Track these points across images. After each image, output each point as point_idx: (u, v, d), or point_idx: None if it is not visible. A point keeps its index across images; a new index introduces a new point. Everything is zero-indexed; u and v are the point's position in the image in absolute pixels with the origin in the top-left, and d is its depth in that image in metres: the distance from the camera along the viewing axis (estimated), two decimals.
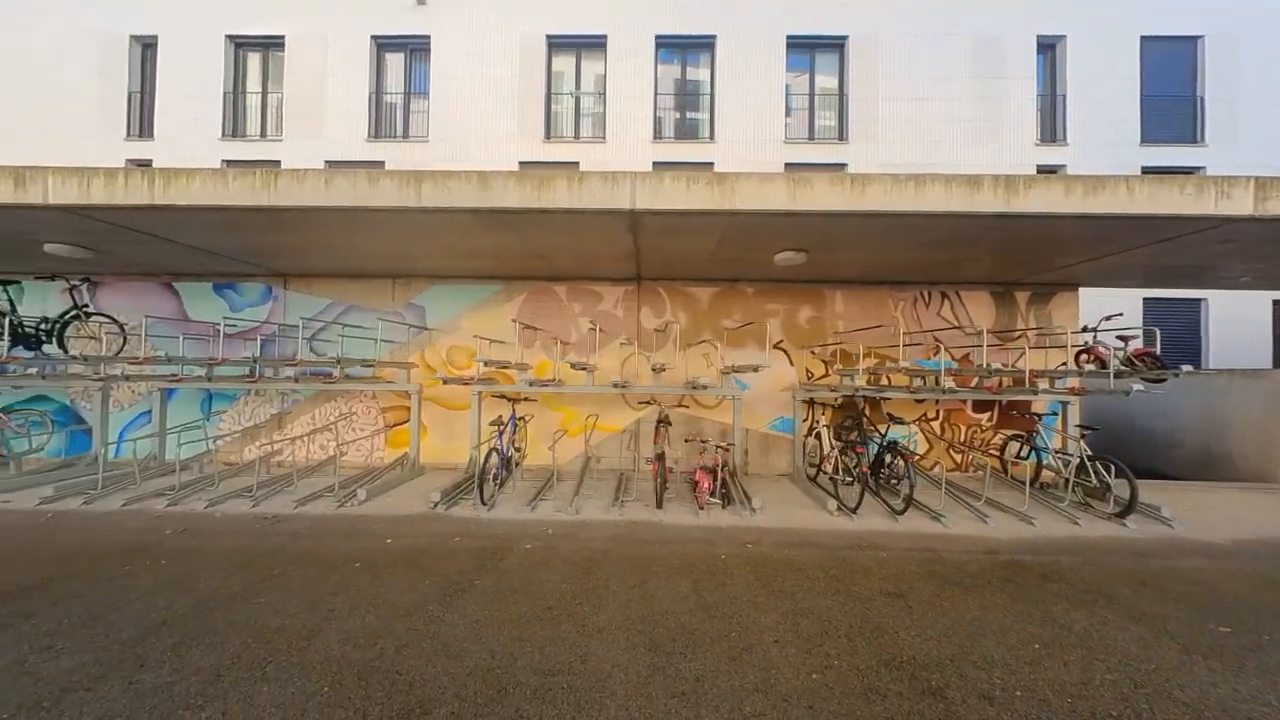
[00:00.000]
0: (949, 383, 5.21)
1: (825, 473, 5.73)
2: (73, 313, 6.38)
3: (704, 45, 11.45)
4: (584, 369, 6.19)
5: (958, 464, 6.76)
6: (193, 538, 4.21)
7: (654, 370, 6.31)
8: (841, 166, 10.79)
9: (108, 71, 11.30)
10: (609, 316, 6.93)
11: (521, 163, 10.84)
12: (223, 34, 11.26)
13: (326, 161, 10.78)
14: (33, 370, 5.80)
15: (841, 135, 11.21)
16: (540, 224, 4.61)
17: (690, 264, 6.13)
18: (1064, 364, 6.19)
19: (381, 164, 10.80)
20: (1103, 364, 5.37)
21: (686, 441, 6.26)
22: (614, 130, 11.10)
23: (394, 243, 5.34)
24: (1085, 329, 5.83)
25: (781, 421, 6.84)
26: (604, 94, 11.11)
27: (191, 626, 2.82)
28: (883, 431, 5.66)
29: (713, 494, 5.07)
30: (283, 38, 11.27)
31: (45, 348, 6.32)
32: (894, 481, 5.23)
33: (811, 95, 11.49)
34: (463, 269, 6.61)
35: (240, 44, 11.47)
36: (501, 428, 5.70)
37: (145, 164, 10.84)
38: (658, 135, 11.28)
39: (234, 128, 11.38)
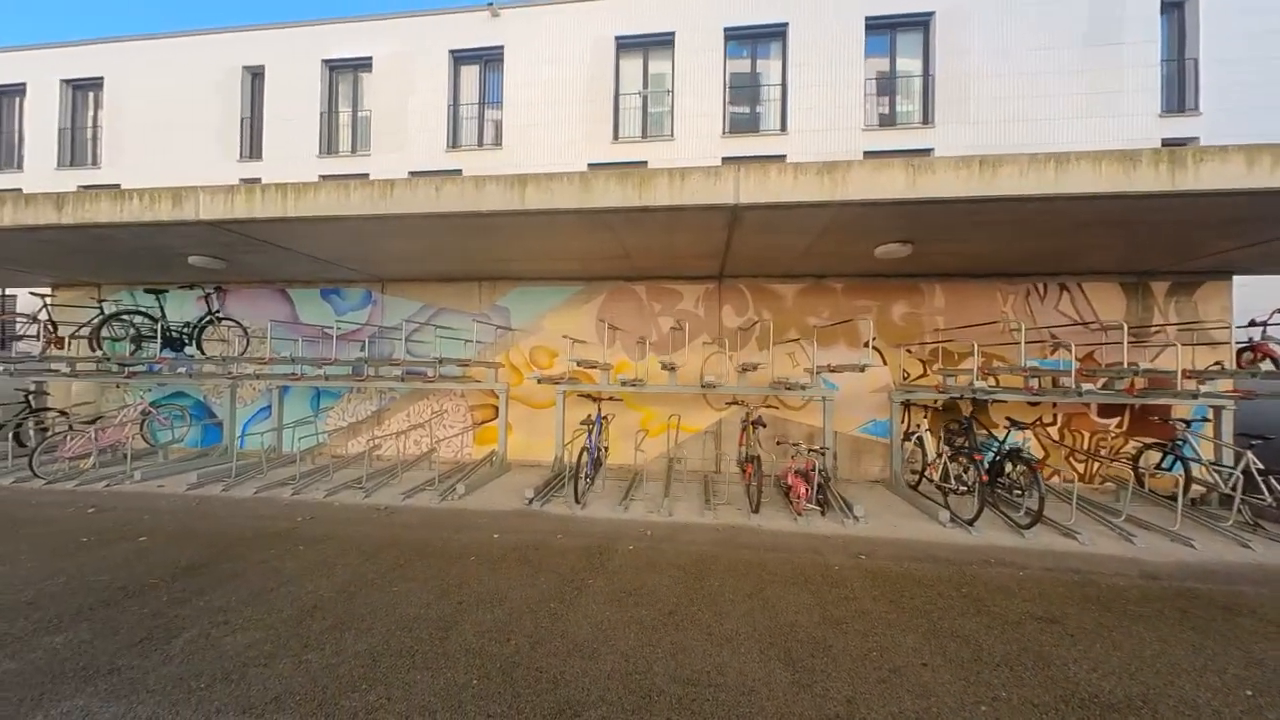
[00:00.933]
0: (1085, 385, 4.67)
1: (931, 481, 5.34)
2: (207, 318, 7.10)
3: (775, 34, 11.09)
4: (672, 368, 6.13)
5: (1078, 474, 6.09)
6: (320, 525, 4.53)
7: (743, 370, 6.13)
8: (927, 152, 10.09)
9: (224, 100, 12.56)
10: (689, 315, 6.83)
11: (590, 164, 10.98)
12: (319, 59, 12.20)
13: (410, 172, 11.42)
14: (181, 369, 6.50)
15: (926, 119, 10.48)
16: (637, 223, 4.59)
17: (778, 260, 5.91)
18: (1218, 363, 5.41)
19: (459, 172, 11.31)
20: (1276, 363, 4.63)
21: (778, 444, 6.05)
22: (682, 128, 10.99)
23: (493, 246, 5.50)
24: (1253, 322, 5.06)
25: (874, 425, 6.46)
26: (671, 91, 11.02)
27: (340, 611, 3.00)
28: (999, 438, 5.19)
29: (810, 500, 4.85)
30: (370, 59, 12.05)
31: (186, 349, 7.06)
32: (1017, 493, 4.77)
33: (892, 79, 10.83)
34: (546, 271, 6.74)
35: (334, 67, 12.39)
36: (590, 427, 5.76)
37: (255, 182, 11.91)
38: (727, 130, 11.05)
39: (328, 146, 12.31)
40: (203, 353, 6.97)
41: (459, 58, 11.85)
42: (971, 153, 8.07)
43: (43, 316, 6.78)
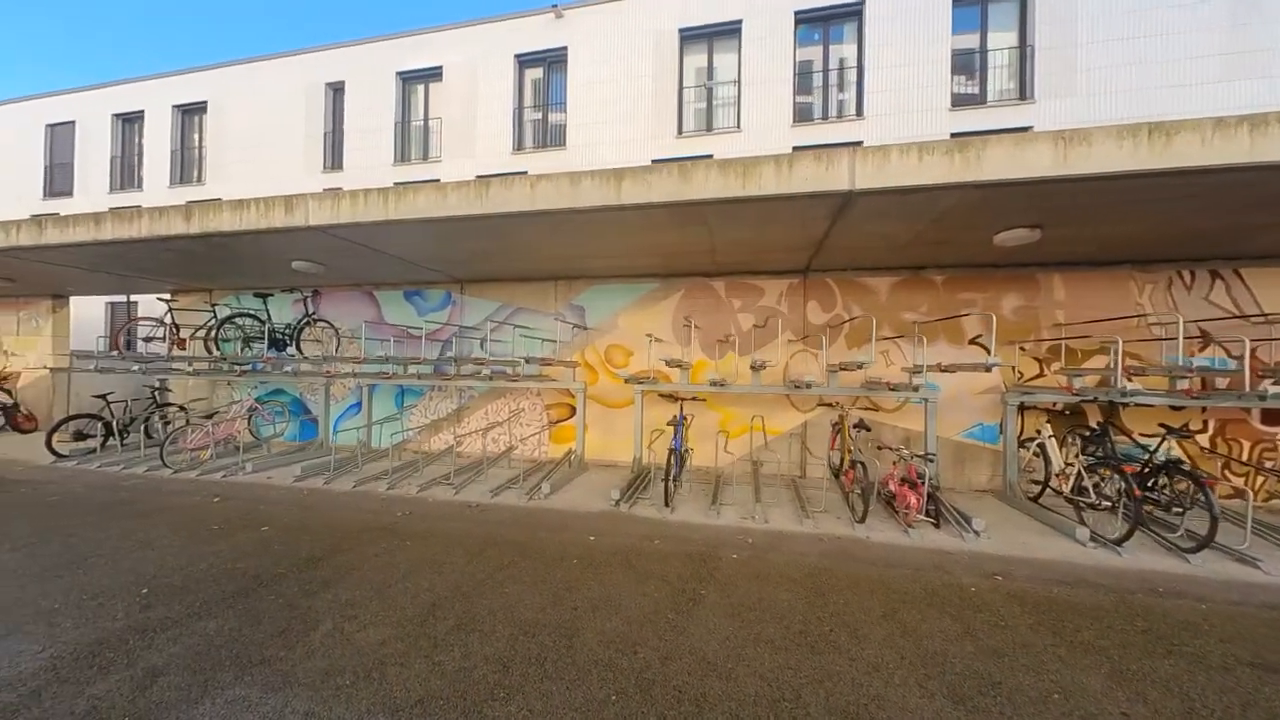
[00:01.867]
0: (1270, 387, 4.00)
1: (1059, 493, 4.78)
2: (305, 319, 7.53)
3: (849, 15, 10.51)
4: (762, 367, 5.86)
5: (1236, 490, 5.29)
6: (420, 521, 4.62)
7: (839, 369, 5.76)
8: (1025, 129, 9.19)
9: (309, 116, 13.42)
10: (771, 312, 6.53)
11: (653, 161, 10.84)
12: (394, 71, 12.78)
13: (477, 176, 11.75)
14: (288, 368, 6.94)
15: (1024, 94, 9.57)
16: (733, 215, 4.37)
17: (874, 252, 5.51)
18: None
19: (524, 174, 11.49)
20: None
21: (878, 449, 5.65)
22: (750, 118, 10.62)
23: (578, 243, 5.45)
24: None
25: (981, 429, 5.91)
26: (738, 82, 10.68)
27: (460, 611, 2.98)
28: (1147, 446, 4.56)
29: (921, 511, 4.45)
30: (440, 68, 12.49)
31: (288, 349, 7.51)
32: (1176, 510, 4.16)
33: (983, 53, 9.97)
34: (623, 268, 6.64)
35: (406, 78, 12.94)
36: (676, 427, 5.61)
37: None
38: (797, 119, 10.57)
39: (401, 154, 12.87)
40: (301, 352, 7.39)
41: (523, 61, 12.05)
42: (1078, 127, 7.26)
43: (168, 320, 7.42)
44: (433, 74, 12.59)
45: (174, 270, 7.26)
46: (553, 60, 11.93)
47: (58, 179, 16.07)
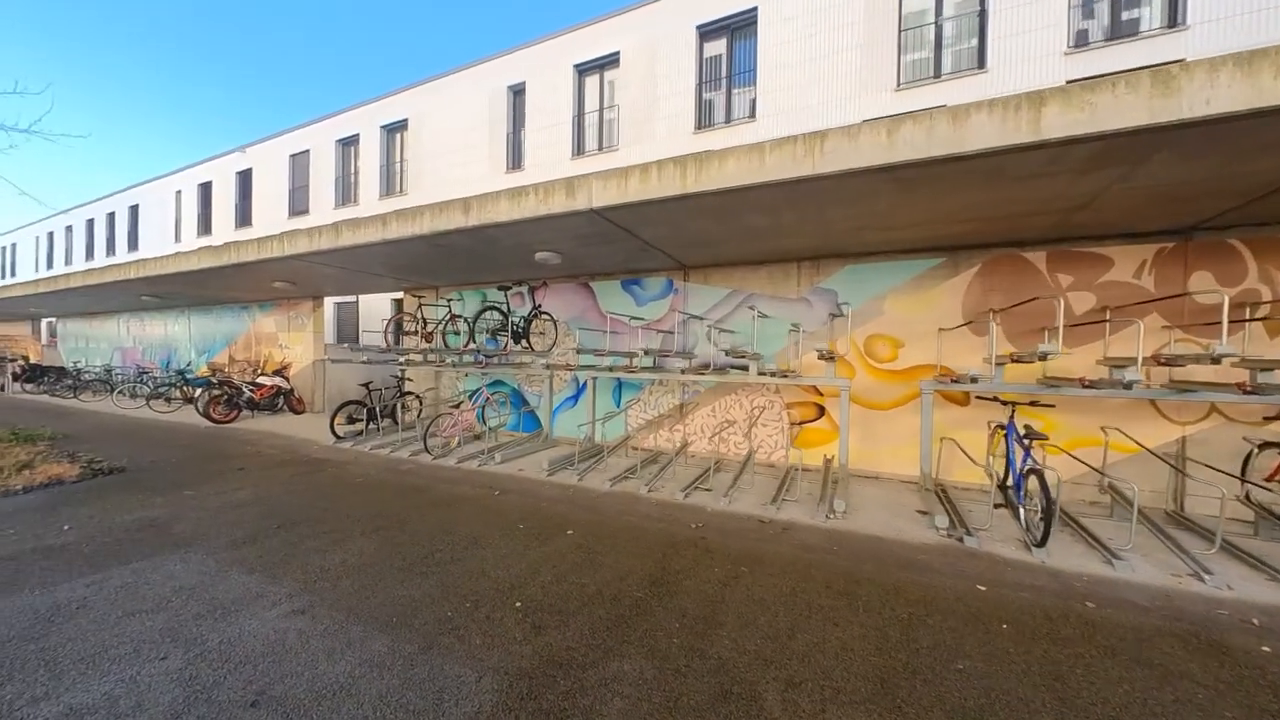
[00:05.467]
0: None
1: None
2: (533, 312, 7.61)
3: None
4: (1121, 366, 4.34)
5: None
6: (722, 536, 4.04)
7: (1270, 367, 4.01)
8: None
9: (492, 121, 14.18)
10: (1125, 289, 4.89)
11: (865, 121, 9.35)
12: (570, 64, 12.88)
13: None
14: (526, 359, 7.05)
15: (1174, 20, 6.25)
16: (1131, 151, 3.00)
17: None
18: None
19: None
20: None
21: None
22: (1002, 52, 8.59)
23: (886, 208, 4.45)
24: None
25: None
26: (983, 10, 8.68)
27: (924, 693, 2.21)
28: None
29: None
30: (617, 53, 12.26)
31: (521, 341, 7.65)
32: None
33: None
34: (890, 242, 5.49)
35: (582, 70, 12.97)
36: (1011, 439, 4.37)
37: None
38: (1073, 44, 8.24)
39: (578, 147, 12.97)
40: (530, 344, 7.46)
41: (705, 32, 11.27)
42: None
43: (418, 315, 7.99)
44: (609, 61, 12.42)
45: (422, 268, 7.75)
46: (738, 26, 10.97)
47: (297, 200, 19.31)
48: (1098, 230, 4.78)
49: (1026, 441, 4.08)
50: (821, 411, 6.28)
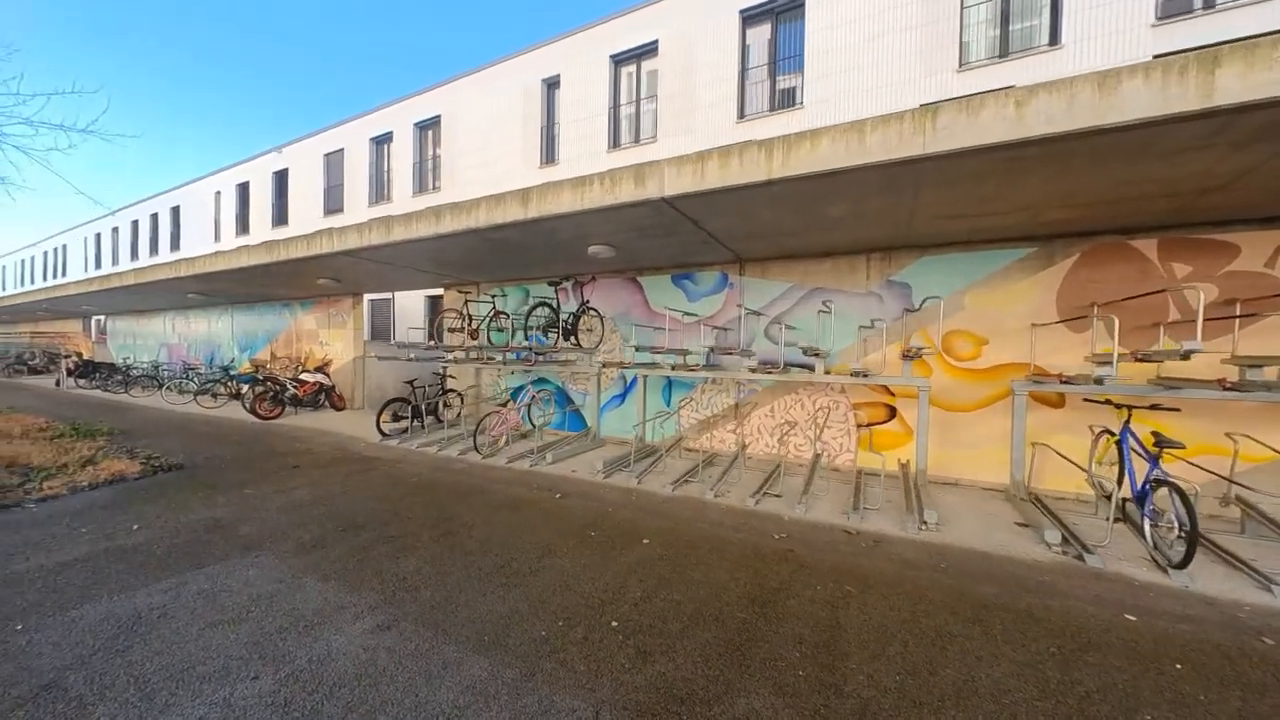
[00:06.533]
0: None
1: None
2: (581, 308, 7.39)
3: None
4: (1254, 364, 3.89)
5: None
6: (809, 549, 3.75)
7: None
8: None
9: (526, 115, 14.03)
10: (1255, 280, 4.40)
11: (923, 105, 8.85)
12: (607, 55, 12.61)
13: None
14: (572, 356, 6.85)
15: None
16: None
17: None
18: None
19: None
20: None
21: None
22: (1078, 26, 7.98)
23: (991, 193, 4.07)
24: None
25: None
26: None
27: None
28: None
29: None
30: (655, 42, 11.94)
31: (569, 339, 7.45)
32: None
33: None
34: (976, 231, 5.08)
35: (619, 61, 12.69)
36: (1123, 447, 3.96)
37: None
38: (1162, 14, 7.60)
39: (614, 140, 12.71)
40: (578, 341, 7.26)
41: (748, 16, 10.86)
42: None
43: (465, 311, 7.85)
44: (647, 50, 12.12)
45: (470, 263, 7.60)
46: (783, 9, 10.52)
47: (331, 199, 19.55)
48: (1226, 214, 4.30)
49: (1155, 450, 3.67)
50: (892, 413, 5.91)
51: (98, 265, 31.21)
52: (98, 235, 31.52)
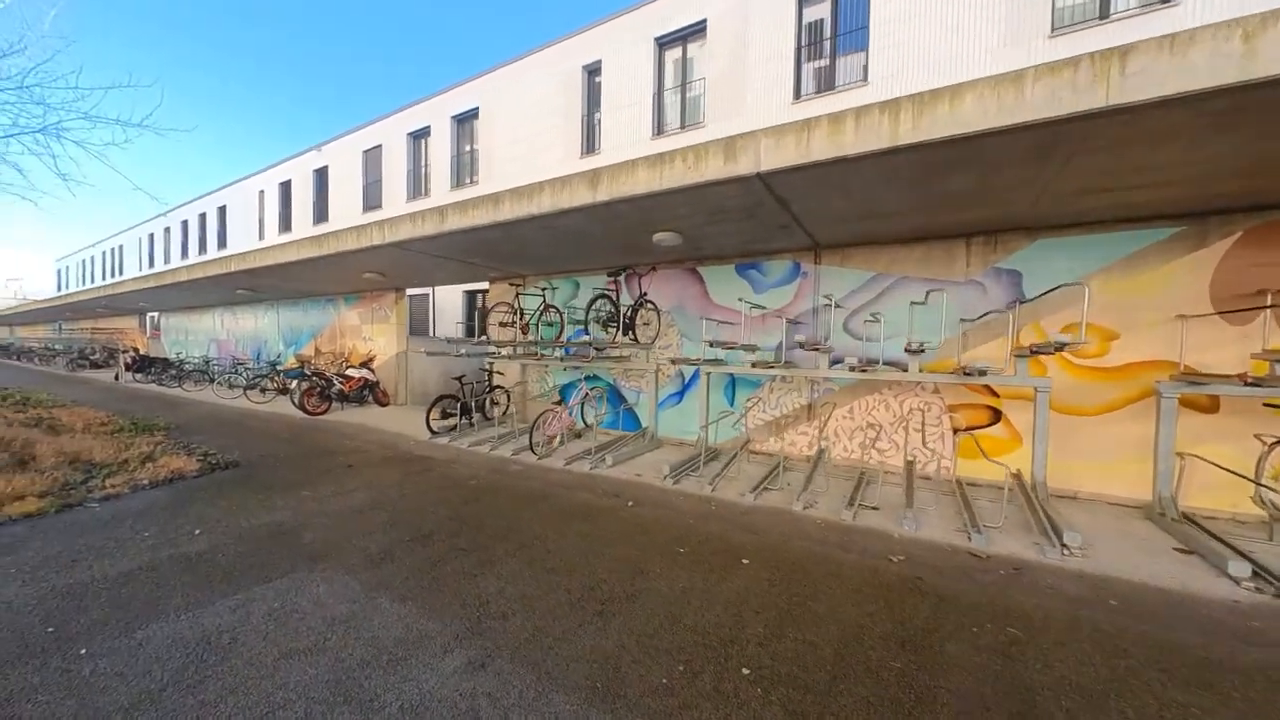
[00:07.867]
0: None
1: None
2: (640, 300, 6.96)
3: None
4: None
5: None
6: (937, 575, 3.23)
7: None
8: None
9: (567, 103, 13.65)
10: None
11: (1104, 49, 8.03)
12: (651, 38, 12.10)
13: None
14: (628, 351, 6.44)
15: None
16: None
17: None
18: None
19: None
20: None
21: None
22: None
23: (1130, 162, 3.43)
24: None
25: None
26: None
27: None
28: None
29: None
30: (704, 21, 11.36)
31: (627, 333, 7.03)
32: None
33: None
34: (1113, 208, 4.40)
35: (663, 44, 12.16)
36: None
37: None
38: None
39: (658, 126, 12.20)
40: (635, 336, 6.83)
41: None
42: None
43: (516, 305, 7.53)
44: (695, 30, 11.54)
45: (524, 255, 7.26)
46: None
47: (370, 195, 19.68)
48: None
49: None
50: (995, 416, 5.28)
51: (151, 264, 32.57)
52: (151, 235, 32.89)
